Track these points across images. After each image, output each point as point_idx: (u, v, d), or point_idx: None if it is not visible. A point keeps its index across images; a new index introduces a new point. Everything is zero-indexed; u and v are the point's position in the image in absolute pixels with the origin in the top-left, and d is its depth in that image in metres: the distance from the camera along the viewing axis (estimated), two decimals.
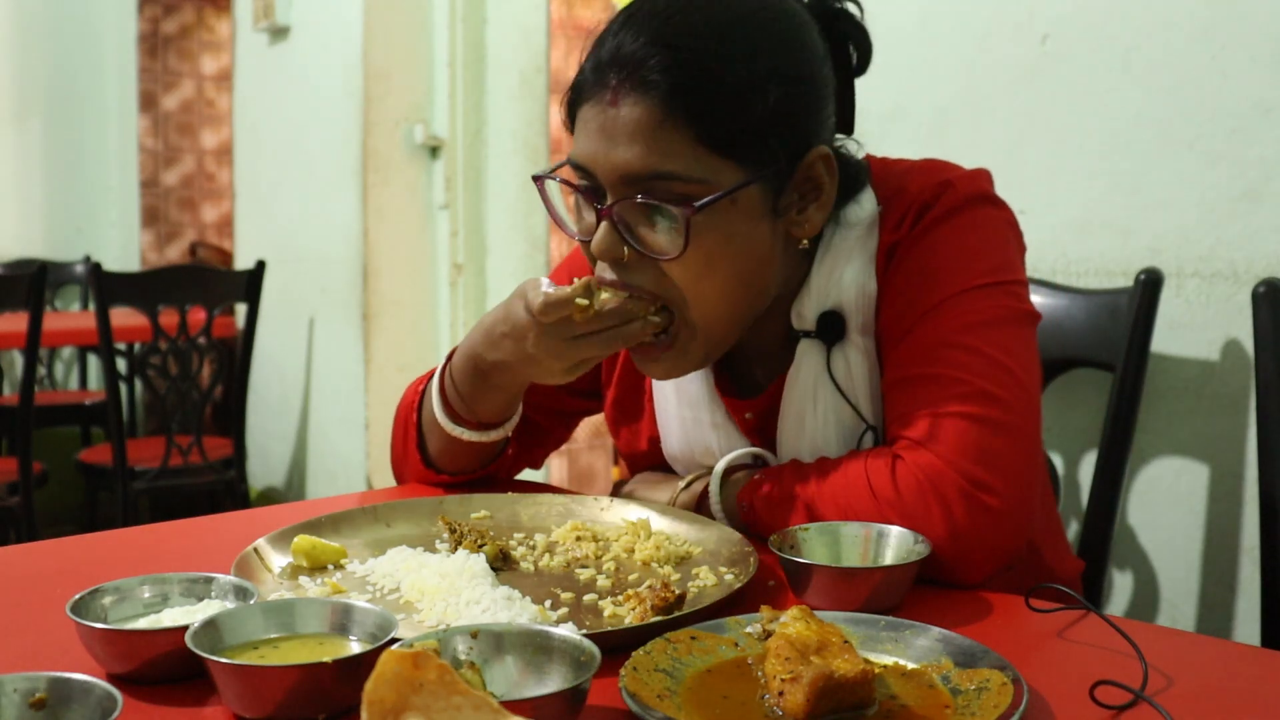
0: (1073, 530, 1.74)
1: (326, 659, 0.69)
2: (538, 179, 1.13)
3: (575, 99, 1.08)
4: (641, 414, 1.30)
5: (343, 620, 0.79)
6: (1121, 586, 1.73)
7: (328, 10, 3.69)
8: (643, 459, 1.31)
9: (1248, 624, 1.60)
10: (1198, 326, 1.62)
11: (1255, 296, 1.46)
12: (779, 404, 1.17)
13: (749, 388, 1.23)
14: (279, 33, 3.97)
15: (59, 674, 0.66)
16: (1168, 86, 1.64)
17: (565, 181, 1.09)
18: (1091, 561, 1.57)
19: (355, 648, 0.77)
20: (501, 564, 1.03)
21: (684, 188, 1.01)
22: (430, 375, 1.29)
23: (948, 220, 1.11)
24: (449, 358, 1.24)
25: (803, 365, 1.14)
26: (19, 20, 4.95)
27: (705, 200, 1.01)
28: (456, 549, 1.04)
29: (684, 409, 1.23)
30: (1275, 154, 1.54)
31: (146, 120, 5.14)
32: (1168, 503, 1.67)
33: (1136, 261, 1.67)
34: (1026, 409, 1.05)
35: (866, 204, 1.14)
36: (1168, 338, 1.65)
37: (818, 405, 1.14)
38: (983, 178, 1.15)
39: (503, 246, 3.44)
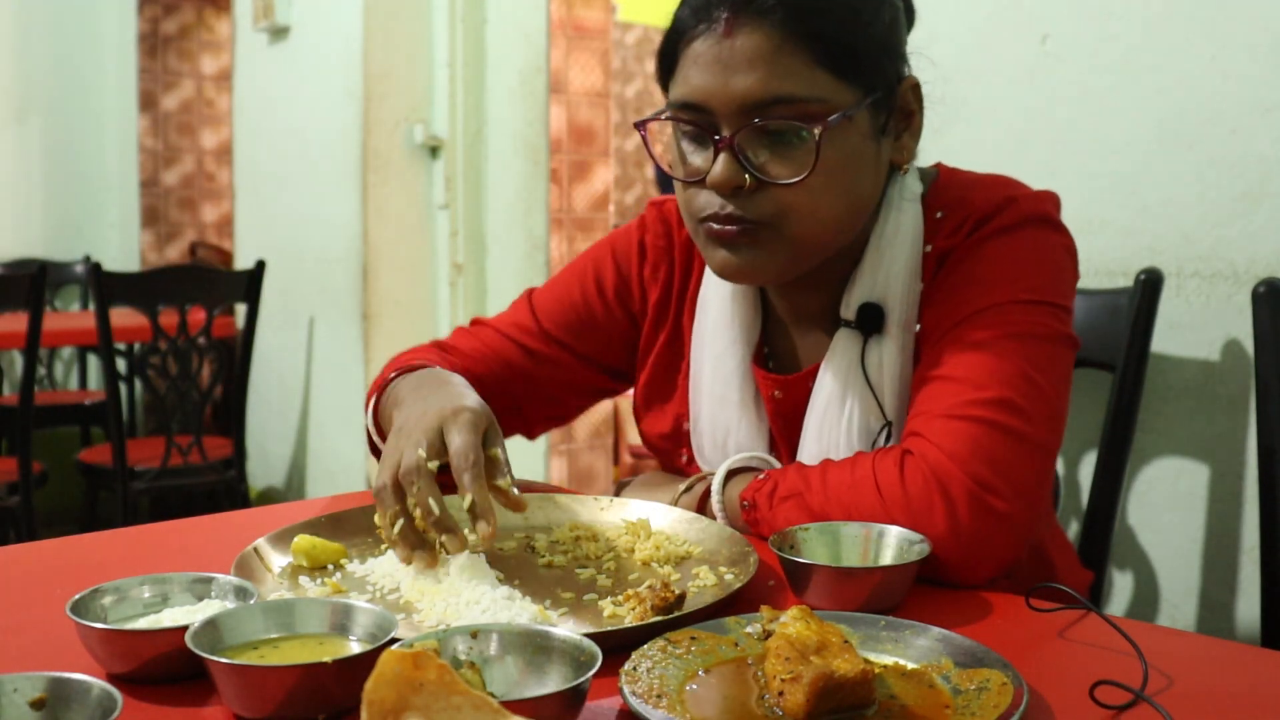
0: (1073, 530, 1.74)
1: (326, 659, 0.69)
2: (640, 125, 1.12)
3: (676, 39, 1.08)
4: (673, 394, 1.31)
5: (343, 620, 0.79)
6: (1121, 586, 1.73)
7: (328, 10, 3.69)
8: (664, 441, 1.32)
9: (1248, 624, 1.60)
10: (1198, 326, 1.62)
11: (1255, 296, 1.46)
12: (808, 388, 1.17)
13: (785, 365, 1.24)
14: (279, 33, 3.97)
15: (59, 674, 0.66)
16: (1168, 86, 1.63)
17: (675, 118, 1.09)
18: (1092, 561, 1.57)
19: (355, 648, 0.77)
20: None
21: (804, 109, 1.03)
22: (396, 367, 1.25)
23: (1005, 235, 1.11)
24: (406, 369, 1.20)
25: (837, 352, 1.15)
26: (19, 20, 4.95)
27: (835, 117, 1.03)
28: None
29: (716, 385, 1.24)
30: (1275, 154, 1.54)
31: (146, 120, 5.14)
32: (1168, 503, 1.67)
33: (1136, 261, 1.67)
34: (1047, 425, 1.04)
35: (910, 182, 1.16)
36: (1168, 338, 1.65)
37: (845, 396, 1.14)
38: (1048, 200, 1.16)
39: (502, 246, 3.44)
